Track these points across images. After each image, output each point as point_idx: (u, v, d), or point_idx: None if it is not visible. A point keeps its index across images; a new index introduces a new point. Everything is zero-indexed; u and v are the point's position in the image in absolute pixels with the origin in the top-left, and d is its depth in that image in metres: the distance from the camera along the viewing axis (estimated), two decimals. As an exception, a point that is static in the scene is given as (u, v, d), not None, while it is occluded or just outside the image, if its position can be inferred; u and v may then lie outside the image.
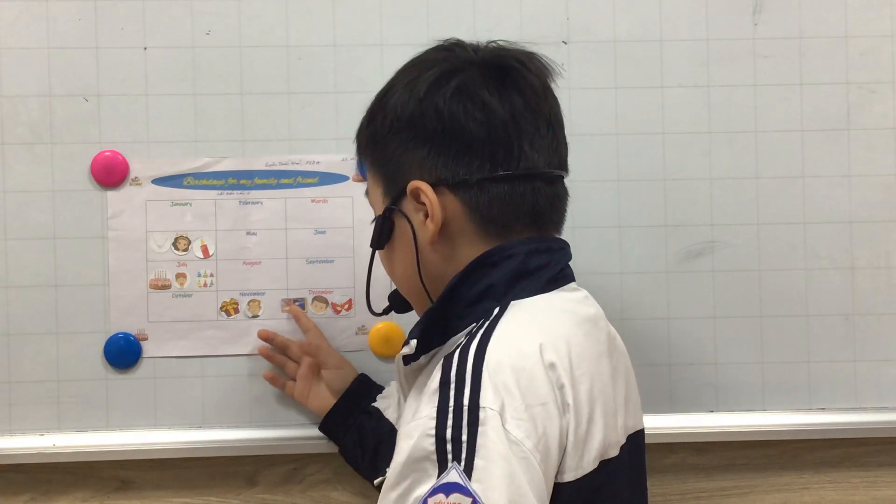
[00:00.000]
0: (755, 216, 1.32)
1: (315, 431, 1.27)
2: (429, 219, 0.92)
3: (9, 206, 1.28)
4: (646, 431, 1.03)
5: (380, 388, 1.27)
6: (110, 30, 1.29)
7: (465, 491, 0.76)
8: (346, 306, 1.31)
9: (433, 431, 0.79)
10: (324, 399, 1.26)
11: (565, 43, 1.31)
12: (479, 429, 0.78)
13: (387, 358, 1.31)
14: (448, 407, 0.80)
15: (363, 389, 1.26)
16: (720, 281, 1.32)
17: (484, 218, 0.93)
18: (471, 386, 0.80)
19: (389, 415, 1.22)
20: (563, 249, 0.97)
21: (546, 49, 1.00)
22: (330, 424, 1.25)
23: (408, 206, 0.94)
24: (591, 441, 0.87)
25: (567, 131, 0.99)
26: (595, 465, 0.87)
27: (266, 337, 1.29)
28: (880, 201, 1.33)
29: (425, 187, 0.92)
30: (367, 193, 1.03)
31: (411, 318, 1.01)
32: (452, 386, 0.81)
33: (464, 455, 0.77)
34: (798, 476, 1.36)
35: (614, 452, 0.91)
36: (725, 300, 1.32)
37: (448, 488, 0.76)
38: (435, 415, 0.80)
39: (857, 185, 1.33)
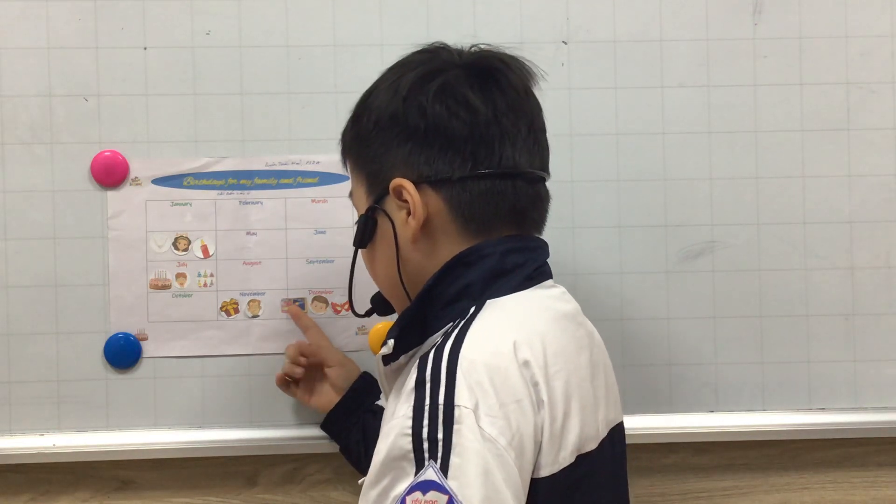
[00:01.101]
0: (755, 216, 1.32)
1: (315, 431, 1.27)
2: (411, 216, 0.93)
3: (9, 206, 1.28)
4: (646, 431, 1.03)
5: (383, 387, 1.27)
6: (110, 30, 1.29)
7: (441, 488, 0.77)
8: (346, 306, 1.31)
9: (410, 430, 0.80)
10: (327, 397, 1.26)
11: (565, 43, 1.31)
12: (454, 427, 0.79)
13: (387, 358, 1.31)
14: (424, 406, 0.81)
15: (367, 387, 1.26)
16: (720, 281, 1.32)
17: (465, 216, 0.94)
18: (445, 385, 0.82)
19: None
20: (541, 248, 0.98)
21: (546, 49, 1.00)
22: (333, 422, 1.25)
23: (390, 204, 0.95)
24: (567, 436, 0.88)
25: (567, 131, 1.00)
26: (572, 460, 0.88)
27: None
28: (880, 201, 1.33)
29: (407, 184, 0.93)
30: (350, 195, 1.04)
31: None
32: (428, 385, 0.82)
33: (440, 453, 0.79)
34: (798, 476, 1.36)
35: (592, 446, 0.92)
36: (725, 300, 1.32)
37: (425, 486, 0.78)
38: (411, 414, 0.81)
39: (857, 185, 1.33)
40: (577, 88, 1.30)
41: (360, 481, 1.20)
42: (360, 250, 1.01)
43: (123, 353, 1.29)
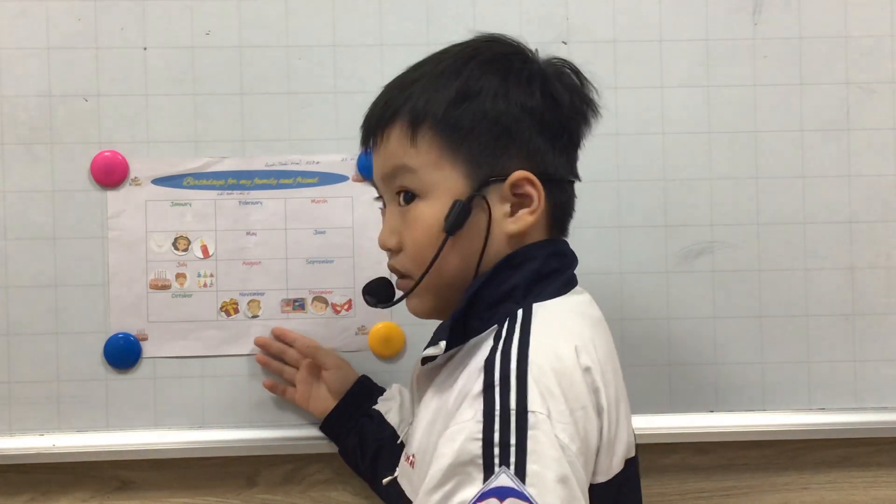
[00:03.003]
0: (755, 216, 1.32)
1: (315, 431, 1.27)
2: (527, 210, 0.92)
3: (9, 206, 1.28)
4: (646, 431, 1.04)
5: (381, 390, 1.26)
6: (110, 30, 1.29)
7: (520, 495, 0.76)
8: (346, 306, 1.31)
9: (480, 435, 0.79)
10: (325, 401, 1.25)
11: (565, 43, 1.31)
12: (529, 433, 0.78)
13: (386, 358, 1.31)
14: (494, 410, 0.80)
15: (364, 391, 1.25)
16: (720, 281, 1.32)
17: (555, 217, 0.96)
18: (517, 390, 0.81)
19: (391, 418, 1.21)
20: (573, 253, 0.99)
21: (546, 49, 1.00)
22: (330, 426, 1.25)
23: (496, 194, 0.92)
24: (619, 442, 0.88)
25: (567, 131, 1.00)
26: (622, 466, 0.88)
27: (262, 343, 1.29)
28: (880, 201, 1.33)
29: (535, 179, 0.92)
30: (385, 177, 0.97)
31: (412, 318, 1.01)
32: (497, 389, 0.81)
33: (513, 459, 0.77)
34: (798, 476, 1.36)
35: (633, 451, 0.93)
36: (725, 300, 1.32)
37: (501, 493, 0.76)
38: (482, 418, 0.80)
39: (857, 185, 1.33)
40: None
41: (384, 481, 1.19)
42: (427, 237, 0.93)
43: (123, 353, 1.29)
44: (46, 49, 1.29)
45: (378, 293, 1.05)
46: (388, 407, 1.23)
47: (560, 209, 0.96)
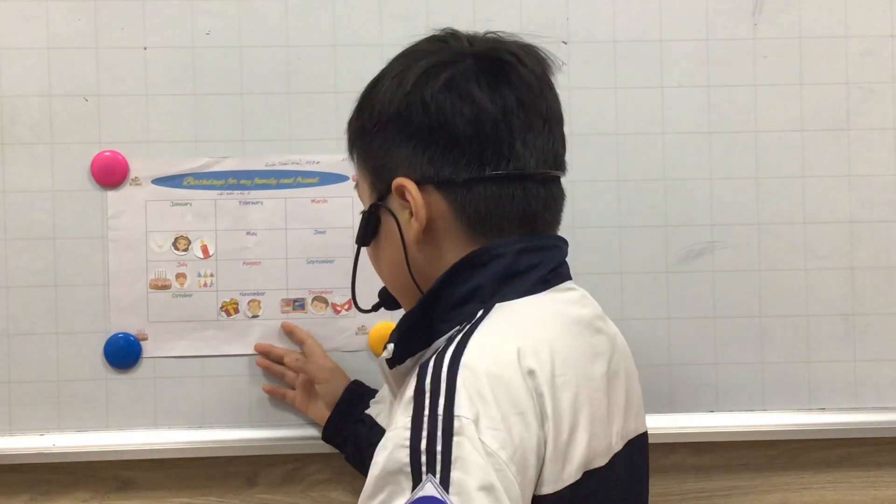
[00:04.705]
0: (755, 216, 1.32)
1: (315, 431, 1.27)
2: (413, 217, 0.89)
3: (9, 206, 1.28)
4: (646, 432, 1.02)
5: (373, 393, 1.26)
6: (110, 30, 1.29)
7: None
8: (346, 306, 1.31)
9: (408, 442, 0.76)
10: (321, 411, 1.25)
11: (565, 43, 1.31)
12: (454, 439, 0.75)
13: (387, 358, 1.31)
14: (423, 416, 0.77)
15: (355, 398, 1.24)
16: (720, 281, 1.32)
17: (471, 219, 0.89)
18: (445, 394, 0.77)
19: (381, 420, 1.20)
20: (558, 247, 0.93)
21: (546, 49, 0.99)
22: (329, 436, 1.25)
23: (394, 203, 0.91)
24: (573, 451, 0.83)
25: (567, 131, 0.97)
26: (578, 477, 0.83)
27: (263, 350, 1.29)
28: (880, 201, 1.33)
29: (410, 185, 0.88)
30: (356, 186, 1.00)
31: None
32: (427, 395, 0.78)
33: (439, 467, 0.74)
34: (798, 476, 1.36)
35: (601, 462, 0.87)
36: (725, 300, 1.32)
37: (426, 503, 0.73)
38: (410, 424, 0.77)
39: (857, 185, 1.33)
40: (577, 88, 1.30)
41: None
42: (364, 248, 0.96)
43: (123, 353, 1.29)
44: (46, 49, 1.29)
45: (386, 300, 1.04)
46: (380, 409, 1.22)
47: (476, 208, 0.88)
